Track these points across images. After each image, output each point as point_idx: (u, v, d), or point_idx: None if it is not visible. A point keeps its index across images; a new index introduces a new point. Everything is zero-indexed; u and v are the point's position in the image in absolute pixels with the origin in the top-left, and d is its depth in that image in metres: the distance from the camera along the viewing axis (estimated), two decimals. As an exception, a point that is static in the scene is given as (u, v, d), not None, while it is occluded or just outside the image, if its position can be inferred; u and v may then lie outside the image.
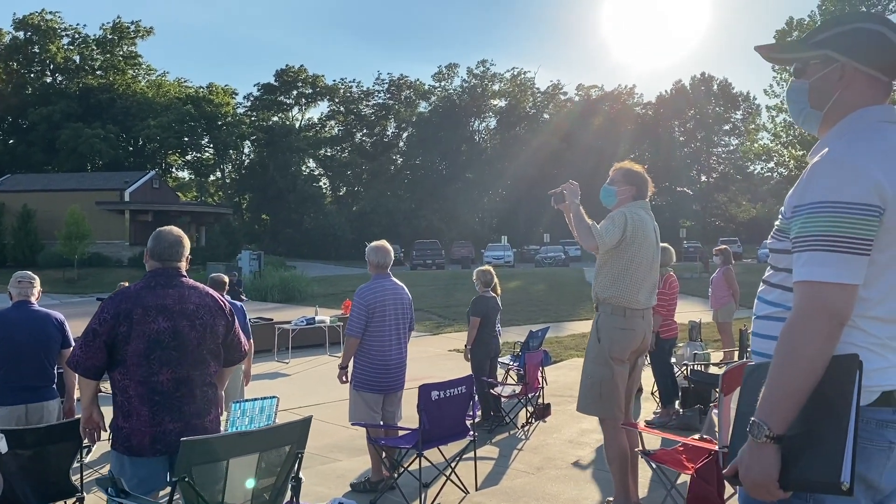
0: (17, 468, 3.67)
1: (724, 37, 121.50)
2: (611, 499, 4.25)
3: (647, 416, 7.36)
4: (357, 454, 6.65)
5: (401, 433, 5.30)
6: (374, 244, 5.49)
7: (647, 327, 4.13)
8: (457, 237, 54.84)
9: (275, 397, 6.52)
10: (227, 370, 3.57)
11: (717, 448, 3.73)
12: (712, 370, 8.09)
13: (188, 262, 3.50)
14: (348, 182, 71.55)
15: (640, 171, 4.25)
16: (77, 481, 4.07)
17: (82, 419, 3.45)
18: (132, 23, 63.98)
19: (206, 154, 66.49)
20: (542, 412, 7.56)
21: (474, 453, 5.37)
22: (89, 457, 4.89)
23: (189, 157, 66.25)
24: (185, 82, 68.18)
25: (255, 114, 67.95)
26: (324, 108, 74.69)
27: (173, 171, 67.55)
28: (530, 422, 7.52)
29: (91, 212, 40.26)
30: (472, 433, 5.23)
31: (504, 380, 9.04)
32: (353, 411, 5.36)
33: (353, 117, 70.81)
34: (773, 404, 1.61)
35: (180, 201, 54.04)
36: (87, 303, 23.95)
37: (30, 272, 5.20)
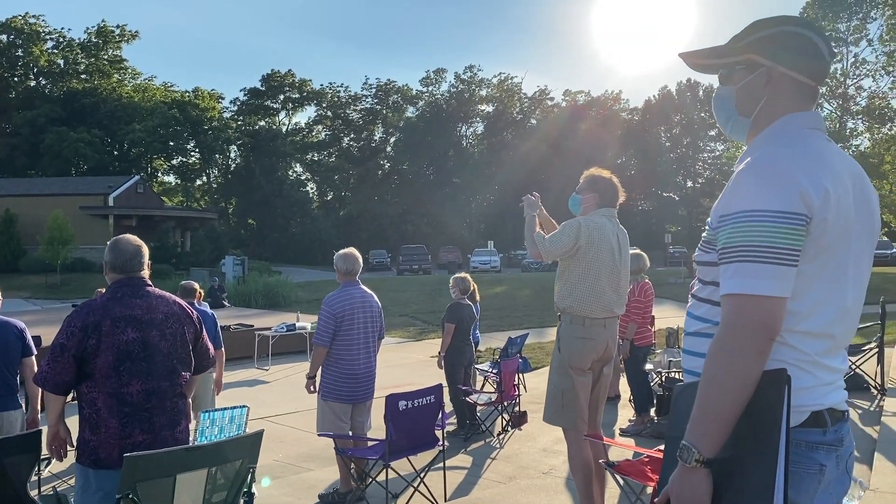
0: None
1: (710, 43, 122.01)
2: (577, 510, 4.19)
3: (623, 423, 7.31)
4: (330, 464, 6.56)
5: (369, 444, 5.22)
6: (341, 251, 5.43)
7: (611, 336, 4.08)
8: (444, 242, 54.79)
9: (244, 406, 6.43)
10: (194, 379, 3.51)
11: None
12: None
13: (150, 269, 3.43)
14: (335, 187, 71.38)
15: (606, 177, 4.21)
16: (36, 495, 3.97)
17: (48, 436, 3.37)
18: (117, 27, 63.67)
19: (192, 159, 66.17)
20: (519, 420, 7.50)
21: (443, 464, 5.30)
22: (47, 470, 4.79)
23: (175, 162, 65.87)
24: (171, 87, 67.93)
25: (241, 118, 67.70)
26: (311, 112, 74.58)
27: (159, 175, 67.16)
28: (506, 430, 7.46)
29: (74, 216, 39.94)
30: (441, 443, 5.16)
31: (482, 387, 8.97)
32: (321, 421, 5.28)
33: (340, 122, 70.69)
34: (703, 426, 1.52)
35: (165, 206, 53.76)
36: (69, 308, 23.71)
37: None
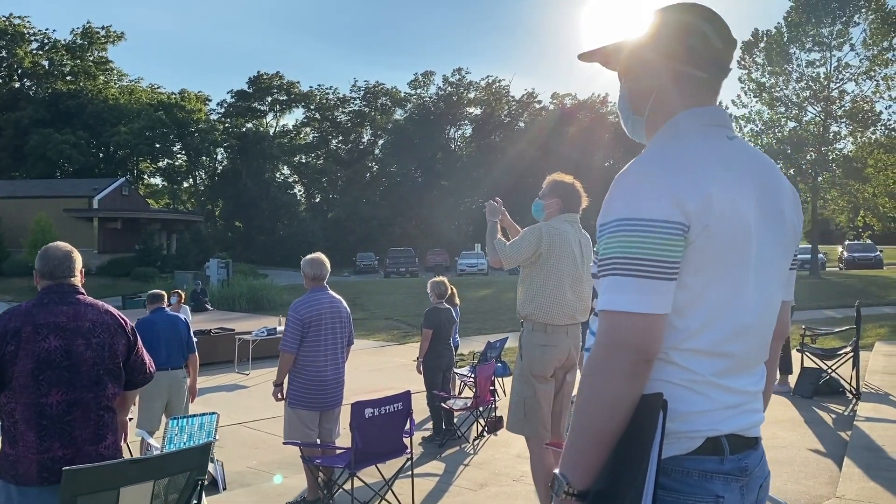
0: None
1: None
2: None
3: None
4: (302, 471, 6.50)
5: (337, 451, 5.16)
6: (308, 257, 5.36)
7: (573, 343, 4.03)
8: (432, 245, 54.71)
9: (214, 413, 6.36)
10: (131, 393, 3.41)
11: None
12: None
13: (83, 275, 3.32)
14: (323, 189, 71.17)
15: (568, 182, 4.18)
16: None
17: None
18: (103, 28, 63.21)
19: (179, 161, 65.83)
20: (494, 425, 7.44)
21: (411, 471, 5.24)
22: None
23: (161, 164, 65.51)
24: (158, 88, 67.57)
25: (228, 120, 67.39)
26: (299, 114, 74.30)
27: (145, 177, 66.77)
28: (482, 435, 7.41)
29: (59, 219, 39.66)
30: (408, 451, 5.10)
31: (460, 392, 8.92)
32: (288, 429, 5.21)
33: (328, 124, 70.51)
34: (574, 455, 1.39)
35: (151, 208, 53.43)
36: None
37: None
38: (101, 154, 61.17)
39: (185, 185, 68.69)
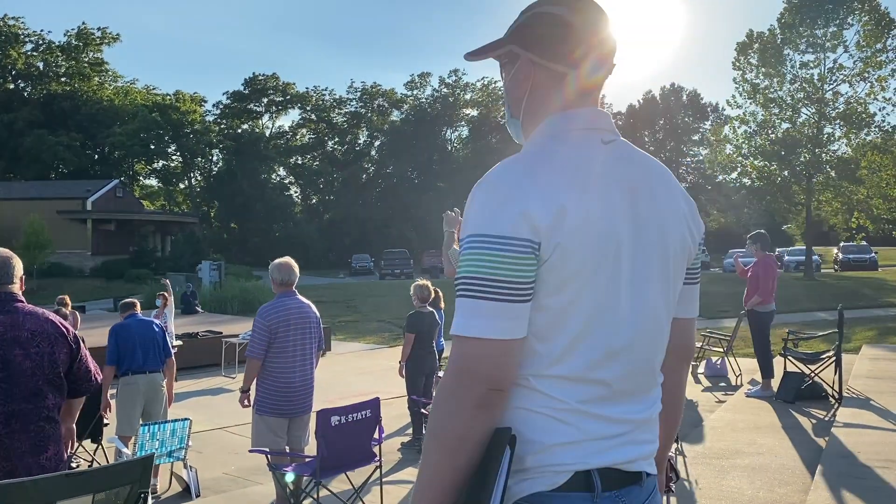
0: None
1: (694, 48, 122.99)
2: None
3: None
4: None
5: (306, 460, 5.08)
6: (276, 261, 5.28)
7: None
8: (428, 247, 54.57)
9: (186, 419, 6.29)
10: (76, 402, 3.34)
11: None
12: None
13: (23, 282, 3.24)
14: (319, 191, 71.09)
15: None
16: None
17: None
18: (98, 29, 63.17)
19: (174, 162, 65.74)
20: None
21: (380, 480, 5.17)
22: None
23: (157, 166, 65.43)
24: (153, 90, 67.48)
25: (224, 122, 67.32)
26: (295, 115, 74.29)
27: (140, 179, 66.69)
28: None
29: (52, 221, 39.58)
30: (377, 458, 5.03)
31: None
32: (256, 437, 5.13)
33: (324, 125, 70.44)
34: (421, 490, 1.29)
35: (145, 210, 53.34)
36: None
37: None
38: (96, 156, 61.13)
39: (181, 186, 68.59)
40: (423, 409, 7.49)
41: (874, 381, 8.41)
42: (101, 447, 6.97)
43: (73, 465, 7.31)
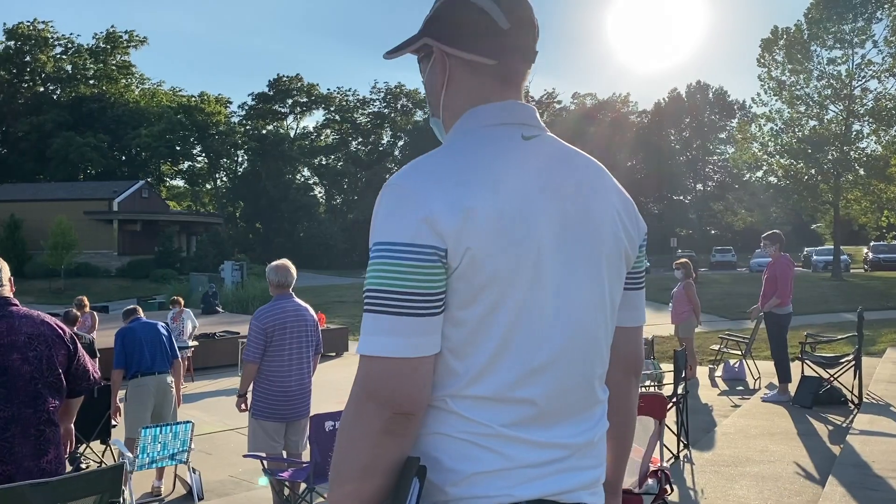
0: None
1: (720, 45, 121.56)
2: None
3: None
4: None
5: (302, 465, 5.02)
6: (273, 263, 5.22)
7: None
8: (450, 247, 54.65)
9: (189, 422, 6.26)
10: (74, 402, 3.31)
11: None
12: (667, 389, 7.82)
13: (12, 284, 3.19)
14: (343, 191, 71.37)
15: None
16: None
17: None
18: (126, 32, 64.09)
19: (200, 163, 66.41)
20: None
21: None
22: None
23: (182, 167, 66.14)
24: (179, 91, 68.23)
25: (249, 123, 67.86)
26: (319, 116, 74.59)
27: (167, 180, 67.44)
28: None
29: (79, 221, 40.13)
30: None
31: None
32: (252, 441, 5.08)
33: (348, 126, 70.69)
34: None
35: (170, 210, 53.89)
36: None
37: None
38: (124, 157, 61.89)
39: (207, 187, 69.29)
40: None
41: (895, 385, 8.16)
42: (109, 448, 6.98)
43: (83, 465, 7.36)
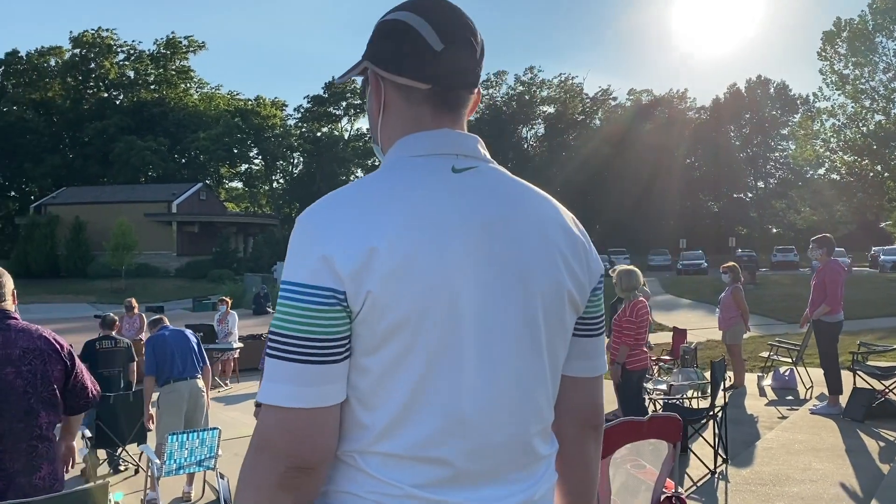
0: None
1: (780, 38, 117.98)
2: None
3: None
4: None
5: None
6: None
7: None
8: (503, 247, 54.32)
9: (216, 429, 6.26)
10: (75, 419, 3.29)
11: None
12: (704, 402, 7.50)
13: (15, 298, 3.18)
14: (396, 191, 71.83)
15: None
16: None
17: None
18: (185, 38, 65.74)
19: (256, 166, 67.73)
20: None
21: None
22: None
23: (240, 169, 67.55)
24: (237, 95, 69.69)
25: (305, 125, 68.87)
26: (373, 118, 75.25)
27: (226, 182, 68.96)
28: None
29: (140, 223, 41.31)
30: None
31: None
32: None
33: (400, 127, 71.06)
34: None
35: (227, 212, 55.05)
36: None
37: None
38: (183, 160, 63.51)
39: (265, 188, 70.60)
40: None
41: (959, 398, 7.65)
42: (145, 452, 7.06)
43: (121, 468, 7.46)
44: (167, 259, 44.18)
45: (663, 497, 3.17)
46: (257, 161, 67.09)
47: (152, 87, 65.66)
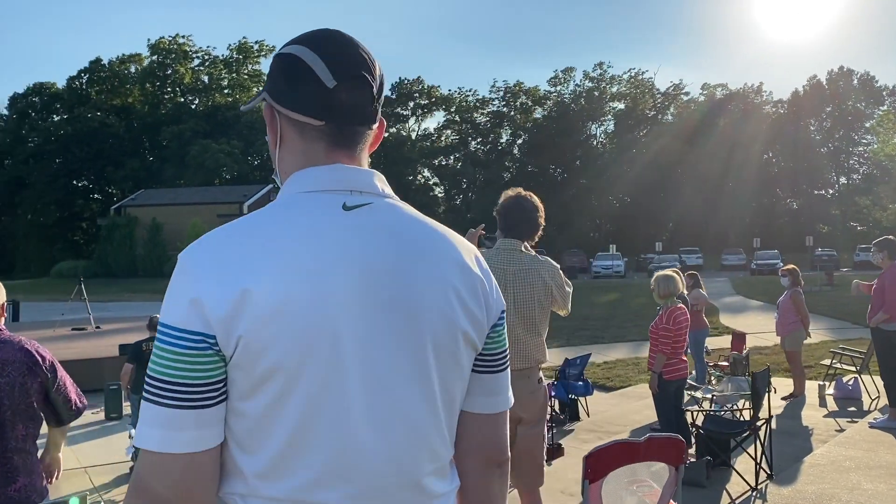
0: None
1: (862, 27, 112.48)
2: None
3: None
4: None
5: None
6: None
7: (528, 391, 3.55)
8: (569, 245, 53.61)
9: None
10: (59, 431, 3.31)
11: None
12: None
13: (3, 310, 3.21)
14: (462, 190, 71.89)
15: (511, 200, 3.67)
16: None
17: None
18: (256, 42, 67.46)
19: (326, 167, 69.07)
20: (551, 454, 6.91)
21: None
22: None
23: (310, 170, 69.01)
24: (306, 97, 71.12)
25: (374, 126, 69.77)
26: (440, 117, 75.54)
27: (297, 183, 70.51)
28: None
29: (213, 224, 42.35)
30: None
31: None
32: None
33: (467, 126, 71.09)
34: None
35: (297, 212, 56.15)
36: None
37: None
38: (256, 162, 65.18)
39: (334, 188, 71.92)
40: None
41: None
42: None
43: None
44: (238, 259, 45.38)
45: (664, 524, 2.98)
46: (327, 162, 68.41)
47: (226, 91, 67.64)
